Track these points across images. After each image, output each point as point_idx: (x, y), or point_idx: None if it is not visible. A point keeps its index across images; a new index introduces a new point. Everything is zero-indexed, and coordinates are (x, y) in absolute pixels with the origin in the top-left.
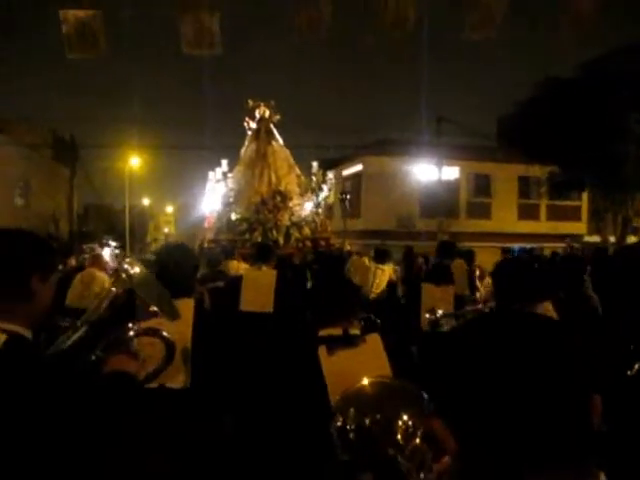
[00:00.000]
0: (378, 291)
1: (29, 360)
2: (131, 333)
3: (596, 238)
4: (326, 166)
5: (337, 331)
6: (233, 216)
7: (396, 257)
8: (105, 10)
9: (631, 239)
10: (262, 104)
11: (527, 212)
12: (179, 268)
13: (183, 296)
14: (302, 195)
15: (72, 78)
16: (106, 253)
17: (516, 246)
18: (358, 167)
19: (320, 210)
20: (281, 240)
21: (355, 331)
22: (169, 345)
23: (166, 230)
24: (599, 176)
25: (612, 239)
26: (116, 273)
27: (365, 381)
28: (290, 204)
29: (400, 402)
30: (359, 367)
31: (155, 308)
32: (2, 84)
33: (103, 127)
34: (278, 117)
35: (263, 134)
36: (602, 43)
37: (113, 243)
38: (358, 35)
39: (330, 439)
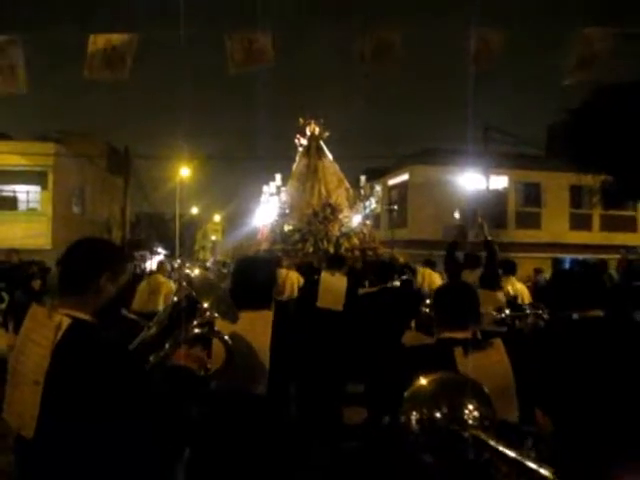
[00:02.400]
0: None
1: (88, 338)
2: (195, 331)
3: None
4: (373, 176)
5: (466, 334)
6: (286, 227)
7: (441, 267)
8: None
9: None
10: (312, 122)
11: (579, 222)
12: (258, 279)
13: (262, 308)
14: (351, 207)
15: (127, 93)
16: (159, 260)
17: (568, 257)
18: (404, 176)
19: (368, 221)
20: (331, 250)
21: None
22: (229, 349)
23: (213, 238)
24: None
25: None
26: (178, 283)
27: (424, 379)
28: (340, 216)
29: (461, 391)
30: (488, 368)
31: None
32: (62, 98)
33: (155, 139)
34: (327, 134)
35: (313, 150)
36: None
37: (163, 250)
38: (407, 45)
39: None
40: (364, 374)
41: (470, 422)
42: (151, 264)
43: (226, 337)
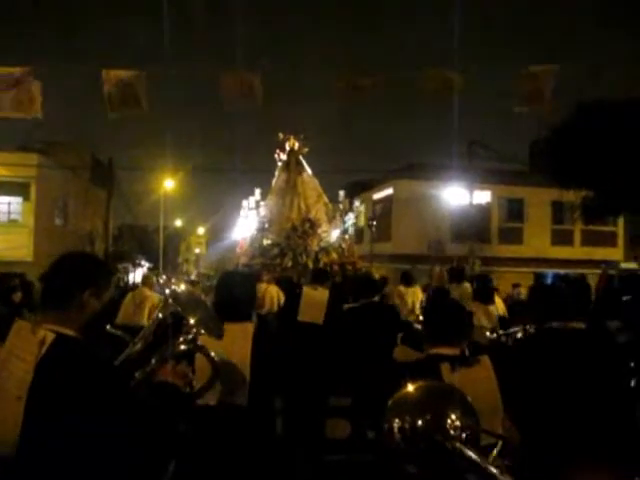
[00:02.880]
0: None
1: (72, 354)
2: (182, 347)
3: (633, 264)
4: (357, 189)
5: (454, 351)
6: (265, 242)
7: (424, 281)
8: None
9: None
10: (292, 137)
11: (561, 237)
12: (238, 295)
13: (242, 320)
14: (330, 222)
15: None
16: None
17: (550, 272)
18: (389, 191)
19: (347, 236)
20: (310, 264)
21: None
22: (215, 366)
23: (197, 251)
24: (636, 201)
25: None
26: (165, 300)
27: (410, 387)
28: (319, 230)
29: (445, 401)
30: (474, 384)
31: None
32: (47, 109)
33: (139, 150)
34: (307, 149)
35: (293, 165)
36: (637, 66)
37: (146, 263)
38: (390, 59)
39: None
40: (349, 388)
41: (452, 432)
42: (134, 277)
43: (212, 354)
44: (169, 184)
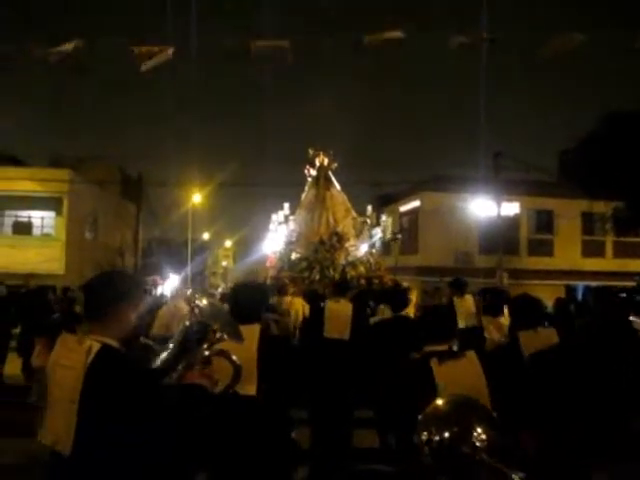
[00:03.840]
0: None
1: (117, 362)
2: (206, 354)
3: None
4: (384, 202)
5: (443, 347)
6: (293, 255)
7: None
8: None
9: None
10: (321, 153)
11: (592, 249)
12: (248, 300)
13: (251, 322)
14: (357, 236)
15: (140, 121)
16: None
17: (580, 284)
18: (415, 203)
19: (374, 250)
20: (337, 278)
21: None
22: (236, 367)
23: (224, 263)
24: None
25: None
26: (191, 309)
27: (439, 401)
28: (346, 244)
29: (471, 414)
30: (461, 375)
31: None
32: (76, 124)
33: (168, 165)
34: (336, 164)
35: (322, 180)
36: None
37: (175, 275)
38: (415, 69)
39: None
40: (373, 399)
41: (479, 445)
42: (163, 289)
43: (234, 357)
44: (197, 198)
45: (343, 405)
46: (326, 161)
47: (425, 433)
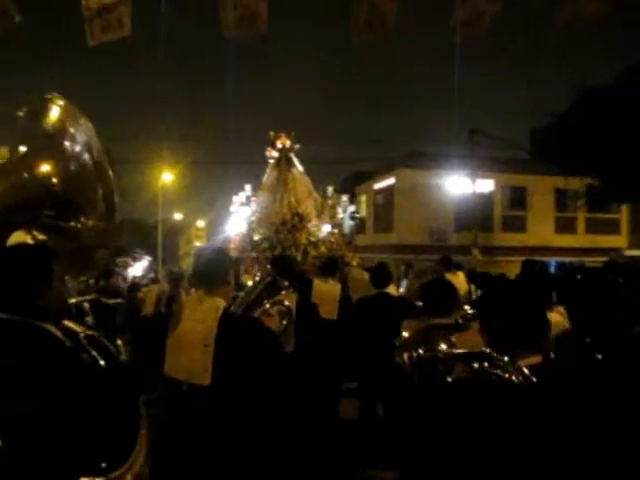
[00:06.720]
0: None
1: (238, 317)
2: (267, 306)
3: (637, 252)
4: (359, 180)
5: (448, 321)
6: (256, 236)
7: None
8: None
9: None
10: (283, 135)
11: (564, 225)
12: (210, 262)
13: (220, 287)
14: (319, 217)
15: (106, 97)
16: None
17: (552, 260)
18: (391, 180)
19: (336, 230)
20: (299, 257)
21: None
22: (290, 312)
23: (197, 244)
24: None
25: None
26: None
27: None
28: (308, 225)
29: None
30: (469, 347)
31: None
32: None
33: (136, 143)
34: (298, 146)
35: (284, 163)
36: None
37: (146, 257)
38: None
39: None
40: (359, 372)
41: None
42: (134, 271)
43: (287, 303)
44: (167, 177)
45: (332, 380)
46: (288, 143)
47: (406, 354)
